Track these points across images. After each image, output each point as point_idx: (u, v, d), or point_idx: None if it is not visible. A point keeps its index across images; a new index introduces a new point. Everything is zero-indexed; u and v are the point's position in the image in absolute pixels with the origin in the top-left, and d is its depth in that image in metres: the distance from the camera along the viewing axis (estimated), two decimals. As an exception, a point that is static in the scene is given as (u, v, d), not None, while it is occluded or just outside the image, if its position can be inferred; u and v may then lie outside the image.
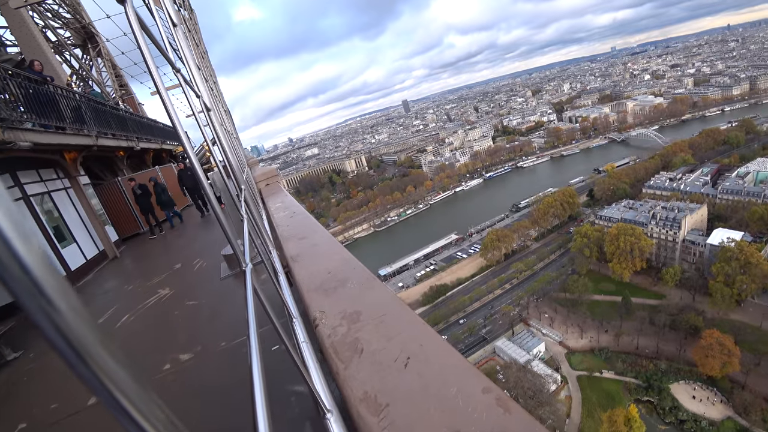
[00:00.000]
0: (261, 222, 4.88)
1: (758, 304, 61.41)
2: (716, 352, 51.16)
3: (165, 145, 28.92)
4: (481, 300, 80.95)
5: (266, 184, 10.82)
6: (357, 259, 3.26)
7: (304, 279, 3.02)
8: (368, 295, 2.53)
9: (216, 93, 13.28)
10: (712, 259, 65.35)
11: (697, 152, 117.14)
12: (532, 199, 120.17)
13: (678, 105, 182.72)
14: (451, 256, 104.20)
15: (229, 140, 6.01)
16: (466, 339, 70.60)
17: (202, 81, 4.62)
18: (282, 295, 2.57)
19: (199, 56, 9.60)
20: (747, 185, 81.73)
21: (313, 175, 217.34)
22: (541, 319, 71.61)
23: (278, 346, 4.02)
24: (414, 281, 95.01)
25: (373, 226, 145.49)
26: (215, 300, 6.87)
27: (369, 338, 1.98)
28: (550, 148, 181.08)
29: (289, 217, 5.79)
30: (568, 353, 64.29)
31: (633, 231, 71.72)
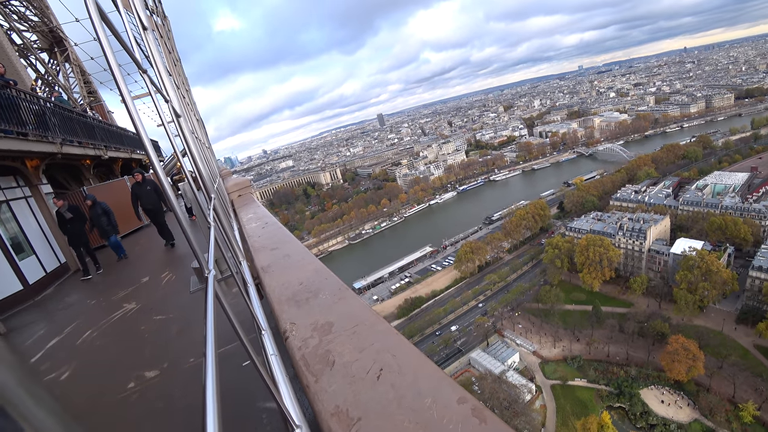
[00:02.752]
0: (232, 233, 4.76)
1: (719, 310, 64.21)
2: (682, 357, 52.93)
3: (135, 155, 28.09)
4: (456, 312, 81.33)
5: (239, 195, 10.59)
6: (330, 270, 3.19)
7: (275, 290, 2.93)
8: (341, 305, 2.47)
9: (188, 102, 13.02)
10: (675, 267, 67.90)
11: (660, 166, 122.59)
12: (505, 212, 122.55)
13: (641, 121, 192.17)
14: (426, 268, 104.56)
15: (200, 150, 5.89)
16: (441, 351, 70.60)
17: (173, 88, 4.51)
18: (251, 307, 2.48)
19: (171, 63, 9.41)
20: (705, 197, 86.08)
21: (288, 187, 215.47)
22: (515, 330, 72.40)
23: (248, 362, 3.89)
24: (389, 294, 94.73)
25: (347, 239, 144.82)
26: (184, 314, 6.62)
27: (341, 350, 1.92)
28: (521, 161, 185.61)
29: (261, 228, 5.67)
30: (541, 363, 65.09)
31: (602, 242, 73.81)
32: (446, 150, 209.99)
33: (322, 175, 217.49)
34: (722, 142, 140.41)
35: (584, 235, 79.56)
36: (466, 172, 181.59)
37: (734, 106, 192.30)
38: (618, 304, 71.92)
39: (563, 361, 64.37)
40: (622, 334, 63.04)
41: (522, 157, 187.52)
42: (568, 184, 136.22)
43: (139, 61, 2.38)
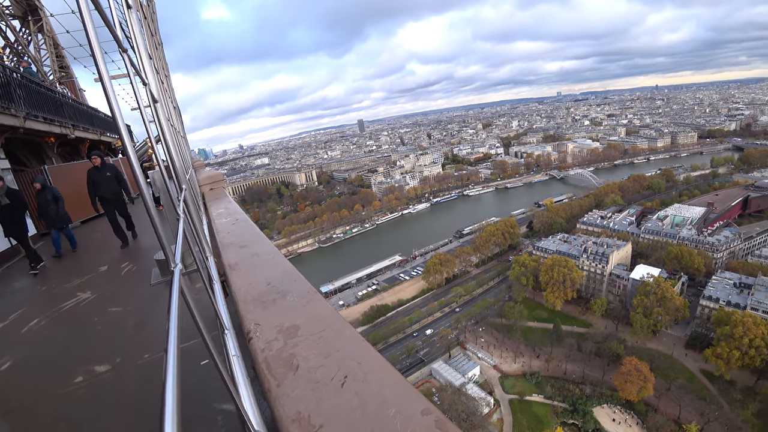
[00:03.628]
0: (201, 227, 4.62)
1: (670, 335, 66.87)
2: (634, 377, 54.69)
3: (104, 137, 26.93)
4: (421, 322, 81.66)
5: (210, 189, 10.32)
6: (299, 272, 3.13)
7: (241, 289, 2.85)
8: (308, 309, 2.42)
9: (167, 88, 12.66)
10: (633, 292, 70.37)
11: (626, 194, 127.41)
12: (476, 227, 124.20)
13: (612, 150, 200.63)
14: (394, 277, 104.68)
15: (175, 138, 5.71)
16: (404, 360, 70.63)
17: (153, 71, 4.36)
18: (215, 304, 2.40)
19: (152, 46, 9.13)
20: (665, 227, 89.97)
21: (261, 185, 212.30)
22: (477, 343, 73.21)
23: (207, 360, 3.76)
24: (355, 300, 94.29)
25: (318, 241, 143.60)
26: (143, 307, 6.34)
27: (306, 354, 1.88)
28: (495, 179, 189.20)
29: (231, 224, 5.53)
30: (501, 377, 65.97)
31: (566, 263, 75.77)
32: (423, 161, 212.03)
33: (298, 175, 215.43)
34: (684, 177, 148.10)
35: (550, 255, 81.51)
36: (441, 184, 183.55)
37: (697, 145, 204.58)
38: (578, 323, 73.87)
39: (522, 377, 65.48)
40: (579, 353, 64.65)
41: (496, 175, 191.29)
42: (539, 204, 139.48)
43: (120, 40, 2.29)
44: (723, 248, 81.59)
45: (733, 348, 54.28)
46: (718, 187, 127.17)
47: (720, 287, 65.11)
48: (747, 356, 53.94)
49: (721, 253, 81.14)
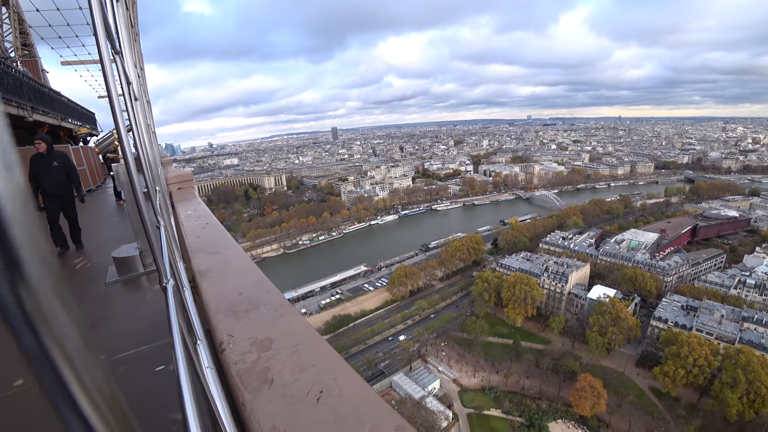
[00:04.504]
0: (170, 229, 4.50)
1: (623, 353, 69.54)
2: (588, 394, 56.39)
3: (66, 123, 25.57)
4: (383, 333, 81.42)
5: (178, 188, 10.00)
6: (272, 283, 3.10)
7: (212, 298, 2.79)
8: (282, 322, 2.41)
9: (140, 78, 12.26)
10: (590, 311, 72.84)
11: (587, 217, 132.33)
12: (442, 241, 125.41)
13: (575, 175, 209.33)
14: (358, 287, 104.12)
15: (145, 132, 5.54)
16: (364, 371, 70.03)
17: (131, 59, 4.24)
18: (189, 313, 2.36)
19: (132, 37, 8.86)
20: (622, 250, 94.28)
21: (229, 185, 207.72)
22: (438, 357, 73.57)
23: (163, 366, 3.63)
24: (318, 309, 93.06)
25: (283, 247, 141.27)
26: (95, 308, 6.04)
27: (281, 368, 1.87)
28: (463, 195, 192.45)
29: (201, 228, 5.40)
30: (460, 391, 66.37)
31: (528, 281, 77.60)
32: (394, 173, 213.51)
33: (267, 178, 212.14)
34: (640, 204, 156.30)
35: (513, 272, 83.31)
36: (411, 197, 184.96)
37: (653, 174, 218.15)
38: (537, 340, 75.57)
39: (481, 391, 66.14)
40: (537, 369, 66.02)
41: (465, 192, 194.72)
42: (504, 222, 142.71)
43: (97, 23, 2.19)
44: (673, 272, 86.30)
45: (679, 366, 57.25)
46: (670, 215, 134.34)
47: (669, 309, 68.69)
48: (691, 374, 57.13)
49: (671, 277, 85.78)
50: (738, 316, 64.74)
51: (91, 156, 24.07)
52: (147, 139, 5.53)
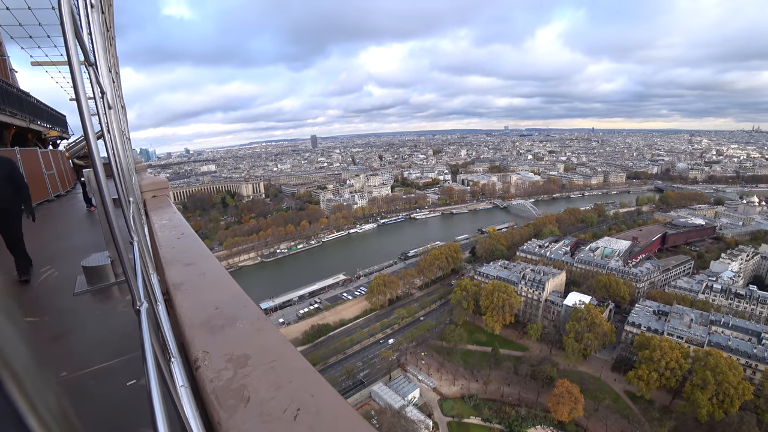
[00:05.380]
0: (143, 239, 4.39)
1: (599, 358, 71.02)
2: (566, 399, 57.25)
3: (34, 125, 24.59)
4: (362, 343, 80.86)
5: (153, 196, 9.71)
6: (248, 297, 3.04)
7: (187, 312, 2.72)
8: (259, 337, 2.36)
9: (115, 82, 11.96)
10: (566, 317, 74.11)
11: (562, 226, 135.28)
12: (421, 250, 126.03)
13: (551, 184, 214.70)
14: (337, 296, 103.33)
15: (119, 138, 5.40)
16: (344, 382, 69.31)
17: (108, 69, 4.14)
18: (162, 327, 2.29)
19: (107, 41, 8.65)
20: (596, 258, 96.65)
21: (206, 192, 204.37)
22: (418, 365, 73.45)
23: (135, 380, 3.51)
24: (296, 318, 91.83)
25: (261, 255, 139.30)
26: (63, 319, 5.78)
27: (257, 386, 1.84)
28: (442, 204, 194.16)
29: (176, 239, 5.27)
30: (440, 399, 66.31)
31: (506, 288, 78.46)
32: (373, 182, 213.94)
33: (245, 186, 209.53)
34: (613, 213, 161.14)
35: (491, 280, 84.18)
36: (390, 206, 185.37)
37: (625, 184, 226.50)
38: (515, 347, 76.34)
39: (461, 399, 66.25)
40: (516, 375, 66.61)
41: (443, 201, 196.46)
42: (482, 231, 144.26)
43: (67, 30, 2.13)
44: (645, 279, 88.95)
45: (652, 370, 58.83)
46: (642, 223, 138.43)
47: (641, 314, 70.73)
48: (664, 377, 58.78)
49: (643, 283, 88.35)
50: (706, 319, 67.45)
51: (61, 160, 23.28)
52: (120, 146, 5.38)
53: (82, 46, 2.34)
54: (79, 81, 2.05)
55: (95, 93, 3.23)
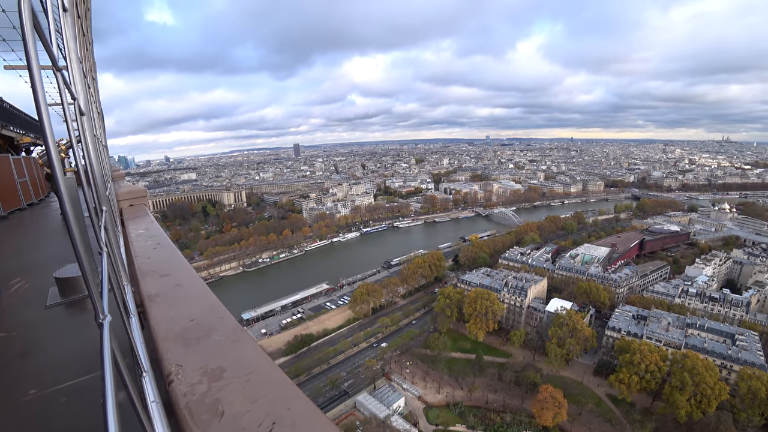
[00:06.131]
0: (117, 249, 4.27)
1: (581, 363, 72.05)
2: (550, 404, 57.69)
3: (6, 131, 23.75)
4: (346, 353, 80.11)
5: (130, 205, 9.48)
6: (225, 308, 2.98)
7: (162, 324, 2.65)
8: (235, 349, 2.31)
9: (92, 90, 11.69)
10: (549, 323, 75.00)
11: (543, 233, 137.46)
12: (404, 258, 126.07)
13: (532, 192, 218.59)
14: (320, 305, 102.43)
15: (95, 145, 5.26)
16: (327, 392, 68.45)
17: (82, 75, 4.04)
18: (133, 341, 2.22)
19: (83, 47, 8.46)
20: (576, 264, 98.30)
21: (186, 201, 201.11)
22: (402, 374, 73.07)
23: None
24: (279, 328, 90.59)
25: (242, 265, 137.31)
26: (33, 333, 5.53)
27: (232, 399, 1.79)
28: (425, 213, 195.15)
29: (152, 249, 5.14)
30: (425, 408, 66.03)
31: (489, 296, 79.01)
32: (356, 191, 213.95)
33: (226, 194, 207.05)
34: (592, 220, 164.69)
35: (474, 288, 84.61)
36: (372, 215, 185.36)
37: (603, 192, 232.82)
38: (499, 354, 76.74)
39: (446, 407, 66.13)
40: (500, 382, 66.92)
41: (426, 209, 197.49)
42: (465, 239, 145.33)
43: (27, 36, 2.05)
44: (624, 284, 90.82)
45: (633, 373, 60.05)
46: (620, 230, 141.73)
47: (621, 319, 72.15)
48: (644, 380, 60.05)
49: (622, 288, 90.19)
50: (683, 323, 69.39)
51: (34, 167, 22.63)
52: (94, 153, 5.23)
53: (49, 50, 2.28)
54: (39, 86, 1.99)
55: (63, 98, 3.14)
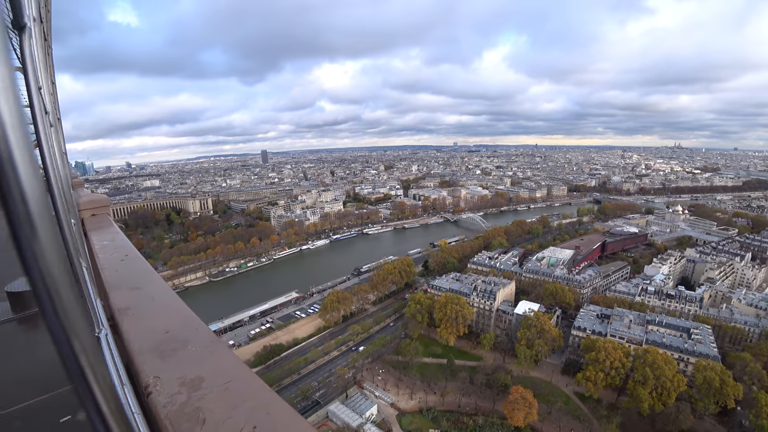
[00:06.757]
0: (79, 262, 4.17)
1: (550, 363, 74.00)
2: (521, 405, 58.80)
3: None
4: (317, 362, 79.07)
5: (92, 215, 9.12)
6: (200, 319, 2.99)
7: (135, 338, 2.64)
8: (212, 359, 2.35)
9: (53, 97, 11.24)
10: (517, 326, 76.66)
11: (510, 237, 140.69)
12: (374, 265, 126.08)
13: (499, 198, 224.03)
14: (290, 314, 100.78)
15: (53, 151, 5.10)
16: (299, 403, 67.23)
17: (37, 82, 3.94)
18: (105, 355, 2.22)
19: (45, 50, 8.14)
20: (543, 267, 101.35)
21: (149, 209, 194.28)
22: (374, 382, 72.74)
23: (70, 416, 3.29)
24: (247, 339, 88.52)
25: (209, 275, 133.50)
26: None
27: (212, 407, 1.84)
28: (394, 219, 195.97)
29: (120, 261, 5.03)
30: (398, 415, 65.93)
31: (458, 300, 79.94)
32: (325, 198, 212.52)
33: (191, 202, 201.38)
34: (557, 224, 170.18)
35: (444, 293, 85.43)
36: (342, 222, 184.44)
37: (567, 196, 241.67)
38: (470, 357, 77.73)
39: (419, 413, 66.28)
40: (472, 385, 67.64)
41: (395, 216, 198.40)
42: (434, 245, 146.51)
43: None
44: (588, 285, 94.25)
45: (599, 370, 62.36)
46: (583, 233, 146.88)
47: (586, 318, 74.85)
48: (609, 377, 62.43)
49: (587, 289, 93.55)
50: (643, 320, 72.99)
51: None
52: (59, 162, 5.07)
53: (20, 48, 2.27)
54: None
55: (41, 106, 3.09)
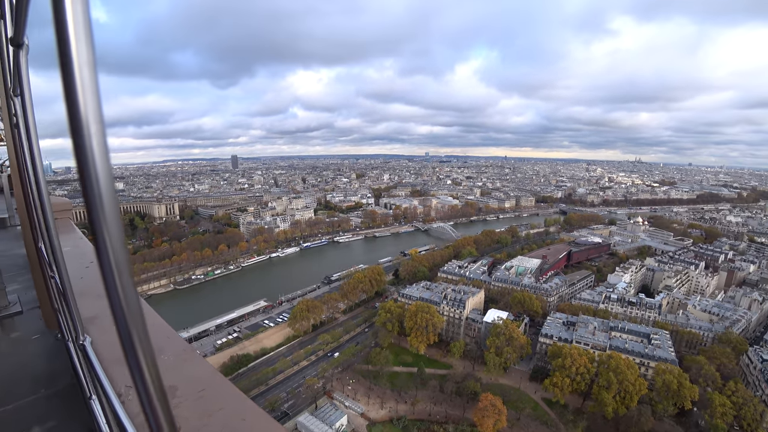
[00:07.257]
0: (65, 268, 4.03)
1: (518, 370, 75.21)
2: (490, 412, 59.25)
3: None
4: (286, 372, 77.60)
5: (55, 219, 8.75)
6: (172, 329, 2.97)
7: (105, 347, 2.61)
8: (186, 368, 2.35)
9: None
10: (486, 334, 77.75)
11: (479, 247, 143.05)
12: (344, 273, 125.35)
13: (469, 208, 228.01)
14: (258, 323, 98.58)
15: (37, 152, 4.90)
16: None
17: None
18: (75, 366, 2.19)
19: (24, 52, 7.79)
20: (511, 276, 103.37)
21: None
22: (344, 392, 71.96)
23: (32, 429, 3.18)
24: (213, 349, 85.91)
25: (174, 282, 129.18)
26: None
27: (187, 415, 1.85)
28: (365, 228, 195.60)
29: (85, 268, 4.90)
30: (369, 425, 65.30)
31: (428, 309, 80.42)
32: (296, 205, 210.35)
33: (157, 207, 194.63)
34: (525, 234, 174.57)
35: (414, 301, 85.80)
36: (312, 230, 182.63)
37: (534, 207, 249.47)
38: (440, 366, 78.04)
39: (390, 422, 65.86)
40: (442, 393, 67.87)
41: (366, 224, 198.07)
42: (404, 253, 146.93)
43: None
44: (554, 293, 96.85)
45: (565, 376, 64.05)
46: (550, 243, 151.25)
47: (553, 326, 77.01)
48: (575, 382, 64.24)
49: (553, 297, 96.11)
50: (607, 326, 75.66)
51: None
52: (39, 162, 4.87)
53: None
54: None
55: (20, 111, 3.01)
